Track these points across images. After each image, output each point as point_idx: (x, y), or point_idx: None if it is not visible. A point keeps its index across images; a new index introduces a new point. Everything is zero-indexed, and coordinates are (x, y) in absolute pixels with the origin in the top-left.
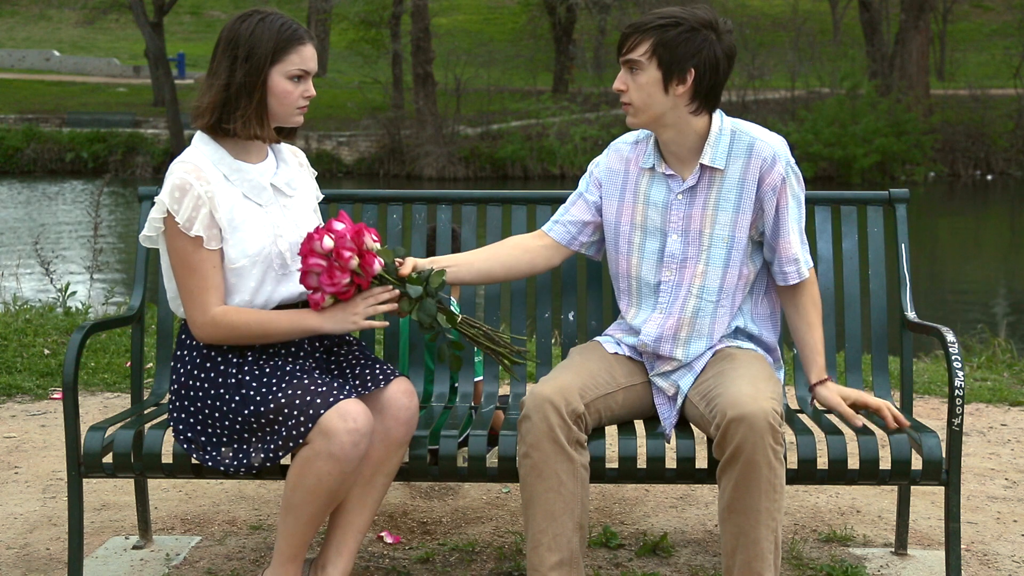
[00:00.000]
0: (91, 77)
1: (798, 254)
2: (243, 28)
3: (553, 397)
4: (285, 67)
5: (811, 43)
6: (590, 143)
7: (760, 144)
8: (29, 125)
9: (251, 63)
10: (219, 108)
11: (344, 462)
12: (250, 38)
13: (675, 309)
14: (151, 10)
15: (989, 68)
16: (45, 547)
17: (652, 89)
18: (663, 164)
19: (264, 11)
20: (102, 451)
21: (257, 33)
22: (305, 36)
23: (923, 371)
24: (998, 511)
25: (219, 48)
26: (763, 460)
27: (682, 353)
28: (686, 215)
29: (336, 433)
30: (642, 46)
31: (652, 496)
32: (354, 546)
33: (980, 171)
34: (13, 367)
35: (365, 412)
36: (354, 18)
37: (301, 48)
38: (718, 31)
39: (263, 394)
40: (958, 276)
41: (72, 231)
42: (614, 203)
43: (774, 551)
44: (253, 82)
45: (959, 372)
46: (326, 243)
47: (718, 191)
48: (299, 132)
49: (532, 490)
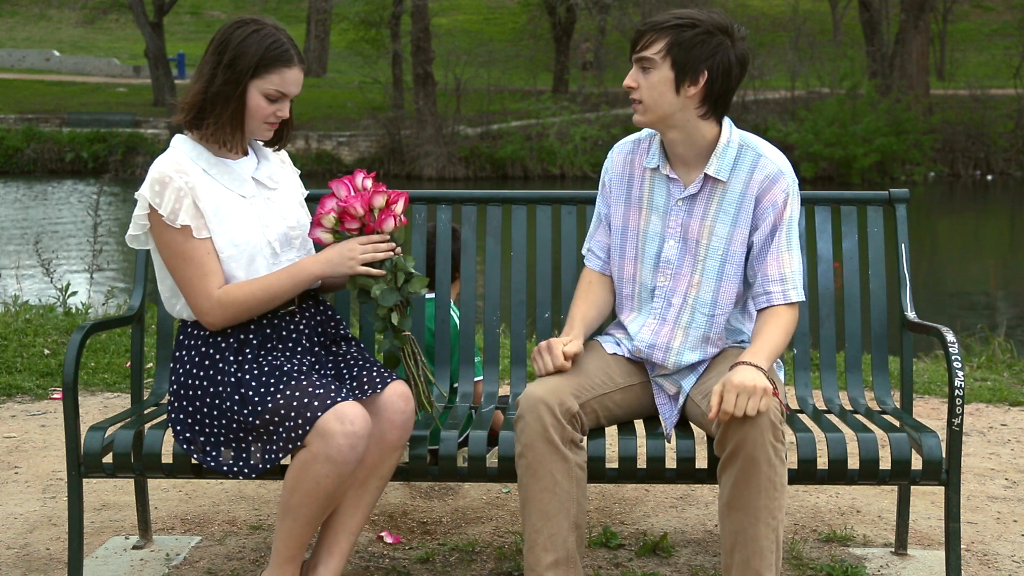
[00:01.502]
0: (91, 77)
1: (786, 274)
2: (235, 35)
3: (546, 397)
4: (263, 84)
5: (811, 43)
6: (590, 143)
7: (765, 161)
8: (29, 125)
9: (232, 71)
10: (196, 109)
11: (341, 464)
12: (238, 46)
13: (670, 316)
14: (151, 10)
15: (989, 68)
16: (45, 547)
17: (663, 88)
18: (667, 166)
19: (263, 23)
20: (102, 451)
21: (246, 43)
22: (294, 59)
23: (923, 371)
24: (998, 511)
25: (208, 49)
26: (763, 457)
27: (673, 363)
28: (684, 223)
29: (333, 435)
30: (657, 44)
31: (652, 496)
32: (346, 547)
33: (980, 171)
34: (13, 367)
35: (363, 415)
36: (354, 18)
37: (285, 70)
38: (733, 37)
39: (261, 395)
40: (958, 276)
41: (72, 231)
42: (620, 207)
43: (774, 550)
44: (230, 91)
45: (959, 372)
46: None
47: (719, 203)
48: (299, 132)
49: (527, 490)
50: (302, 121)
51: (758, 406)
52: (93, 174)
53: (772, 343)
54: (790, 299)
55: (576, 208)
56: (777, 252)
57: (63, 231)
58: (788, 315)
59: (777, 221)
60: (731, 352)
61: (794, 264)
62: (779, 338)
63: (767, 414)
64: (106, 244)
